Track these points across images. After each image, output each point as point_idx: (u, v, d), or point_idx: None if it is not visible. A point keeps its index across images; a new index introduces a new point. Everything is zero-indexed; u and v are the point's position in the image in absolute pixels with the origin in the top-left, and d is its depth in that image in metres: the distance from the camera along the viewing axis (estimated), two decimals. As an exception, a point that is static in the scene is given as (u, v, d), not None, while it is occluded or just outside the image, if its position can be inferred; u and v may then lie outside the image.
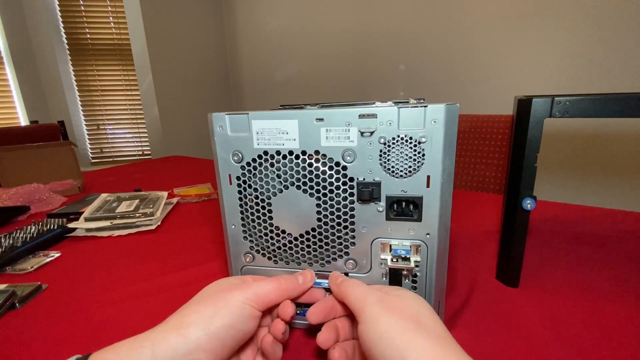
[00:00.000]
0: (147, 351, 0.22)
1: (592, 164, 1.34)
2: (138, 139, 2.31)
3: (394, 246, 0.30)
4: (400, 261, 0.30)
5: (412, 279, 0.31)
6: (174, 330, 0.23)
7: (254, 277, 0.31)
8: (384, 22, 1.76)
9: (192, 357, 0.23)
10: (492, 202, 0.75)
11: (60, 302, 0.41)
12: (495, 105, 1.50)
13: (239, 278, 0.30)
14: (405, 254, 0.30)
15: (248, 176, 0.32)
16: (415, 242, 0.30)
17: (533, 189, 0.37)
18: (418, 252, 0.30)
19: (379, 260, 0.31)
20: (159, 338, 0.23)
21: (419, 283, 0.31)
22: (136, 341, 0.23)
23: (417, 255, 0.30)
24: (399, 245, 0.30)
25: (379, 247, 0.31)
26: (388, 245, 0.30)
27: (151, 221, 0.64)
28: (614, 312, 0.36)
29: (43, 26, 2.03)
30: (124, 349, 0.22)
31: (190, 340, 0.23)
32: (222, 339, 0.24)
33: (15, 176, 0.89)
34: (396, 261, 0.30)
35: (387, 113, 0.27)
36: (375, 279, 0.32)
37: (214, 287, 0.28)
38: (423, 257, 0.30)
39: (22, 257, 0.52)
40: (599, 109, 0.34)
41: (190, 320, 0.24)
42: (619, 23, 1.20)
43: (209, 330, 0.24)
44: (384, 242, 0.30)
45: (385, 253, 0.31)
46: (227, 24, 2.44)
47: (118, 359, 0.22)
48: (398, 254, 0.30)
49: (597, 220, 0.61)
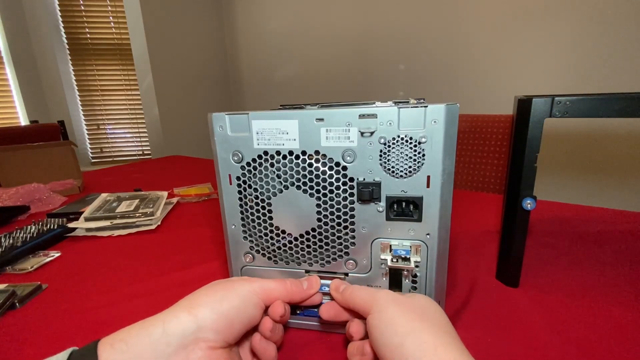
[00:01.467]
0: (158, 330, 0.23)
1: (592, 163, 1.34)
2: (138, 139, 2.31)
3: (394, 246, 0.30)
4: (400, 261, 0.30)
5: (412, 279, 0.31)
6: (185, 310, 0.24)
7: (259, 278, 0.32)
8: (384, 22, 1.76)
9: (201, 334, 0.24)
10: (492, 202, 0.75)
11: (60, 302, 0.41)
12: (495, 105, 1.50)
13: (243, 278, 0.31)
14: (405, 254, 0.30)
15: (248, 176, 0.32)
16: (415, 243, 0.30)
17: (533, 189, 0.37)
18: (418, 252, 0.30)
19: (378, 260, 0.31)
20: (170, 316, 0.24)
21: (419, 283, 0.31)
22: (147, 321, 0.24)
23: (417, 256, 0.30)
24: (399, 246, 0.30)
25: (379, 247, 0.30)
26: (388, 246, 0.30)
27: (151, 221, 0.64)
28: (614, 312, 0.36)
29: (43, 26, 2.03)
30: (135, 328, 0.23)
31: (199, 319, 0.24)
32: (230, 320, 0.25)
33: (15, 176, 0.89)
34: (396, 261, 0.30)
35: (387, 113, 0.27)
36: (375, 279, 0.32)
37: (221, 280, 0.29)
38: (423, 257, 0.30)
39: (22, 257, 0.52)
40: (599, 109, 0.34)
41: (201, 301, 0.25)
42: (619, 23, 1.20)
43: (218, 311, 0.25)
44: (384, 242, 0.30)
45: (385, 253, 0.30)
46: (227, 24, 2.44)
47: (129, 337, 0.23)
48: (398, 254, 0.30)
49: (597, 220, 0.61)
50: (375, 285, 0.32)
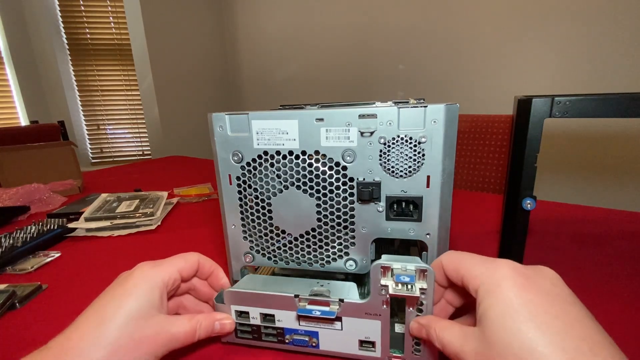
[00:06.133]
0: None
1: (592, 163, 1.34)
2: (138, 139, 2.31)
3: (396, 271, 0.26)
4: (403, 288, 0.26)
5: (418, 307, 0.27)
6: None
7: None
8: (384, 22, 1.76)
9: None
10: (492, 202, 0.75)
11: (60, 302, 0.41)
12: (495, 105, 1.50)
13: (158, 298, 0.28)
14: (409, 280, 0.25)
15: (248, 176, 0.32)
16: (420, 266, 0.26)
17: (533, 189, 0.37)
18: (424, 278, 0.26)
19: (378, 286, 0.27)
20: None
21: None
22: None
23: (422, 282, 0.26)
24: (401, 270, 0.26)
25: (379, 272, 0.26)
26: (389, 270, 0.26)
27: (151, 221, 0.64)
28: (614, 312, 0.36)
29: (43, 26, 2.03)
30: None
31: None
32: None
33: (15, 176, 0.89)
34: (399, 288, 0.26)
35: (387, 113, 0.27)
36: (375, 307, 0.28)
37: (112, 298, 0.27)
38: (430, 283, 0.25)
39: (22, 257, 0.52)
40: (599, 109, 0.34)
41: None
42: (619, 23, 1.20)
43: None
44: (385, 265, 0.26)
45: (386, 278, 0.26)
46: (227, 24, 2.44)
47: None
48: (400, 281, 0.26)
49: (597, 220, 0.61)
50: (374, 315, 0.28)
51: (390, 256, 0.27)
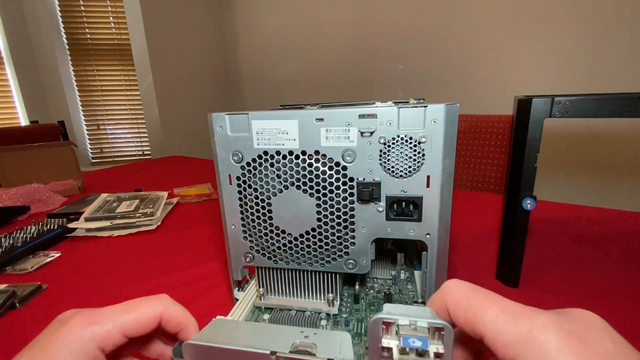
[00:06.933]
0: None
1: (592, 164, 1.34)
2: (138, 139, 2.30)
3: (402, 330, 0.18)
4: (412, 354, 0.18)
5: None
6: None
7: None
8: (384, 22, 1.76)
9: None
10: (492, 202, 0.75)
11: (60, 302, 0.41)
12: (495, 105, 1.50)
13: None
14: (421, 346, 0.17)
15: (248, 176, 0.32)
16: (435, 324, 0.17)
17: (533, 189, 0.37)
18: (440, 338, 0.17)
19: (378, 347, 0.18)
20: None
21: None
22: None
23: (438, 343, 0.17)
24: (410, 330, 0.18)
25: (381, 329, 0.18)
26: (394, 327, 0.18)
27: (151, 221, 0.64)
28: (615, 312, 0.36)
29: (43, 26, 2.03)
30: None
31: None
32: None
33: (16, 176, 0.89)
34: (407, 354, 0.18)
35: (387, 113, 0.27)
36: None
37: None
38: (448, 345, 0.17)
39: (22, 257, 0.52)
40: (599, 109, 0.34)
41: None
42: (619, 23, 1.20)
43: None
44: (387, 321, 0.18)
45: (389, 337, 0.18)
46: (227, 24, 2.44)
47: None
48: (410, 346, 0.17)
49: (597, 220, 0.61)
50: None
51: (393, 306, 0.19)
